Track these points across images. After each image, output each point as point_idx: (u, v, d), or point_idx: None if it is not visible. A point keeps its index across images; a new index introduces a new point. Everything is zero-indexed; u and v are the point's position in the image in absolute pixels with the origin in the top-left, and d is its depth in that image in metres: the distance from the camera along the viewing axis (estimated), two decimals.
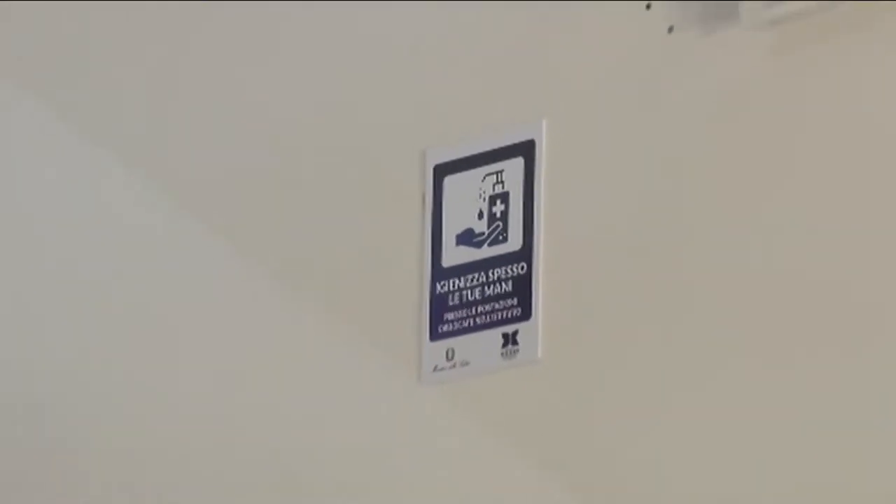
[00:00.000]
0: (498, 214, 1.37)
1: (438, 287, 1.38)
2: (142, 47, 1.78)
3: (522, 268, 1.33)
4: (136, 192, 1.76)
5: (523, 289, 1.31)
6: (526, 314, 1.30)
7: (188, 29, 1.70)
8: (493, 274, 1.35)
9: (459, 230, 1.39)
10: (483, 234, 1.39)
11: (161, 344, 1.68)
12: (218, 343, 1.64)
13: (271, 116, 1.58)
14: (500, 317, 1.32)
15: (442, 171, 1.40)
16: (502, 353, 1.32)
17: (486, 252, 1.35)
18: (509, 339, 1.31)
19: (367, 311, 1.49)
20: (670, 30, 1.27)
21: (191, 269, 1.65)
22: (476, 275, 1.36)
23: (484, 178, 1.37)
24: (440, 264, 1.38)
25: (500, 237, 1.36)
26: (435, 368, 1.38)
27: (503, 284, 1.33)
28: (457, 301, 1.36)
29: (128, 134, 1.76)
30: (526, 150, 1.33)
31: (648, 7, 1.26)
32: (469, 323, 1.35)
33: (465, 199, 1.40)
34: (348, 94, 1.53)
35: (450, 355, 1.37)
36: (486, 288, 1.34)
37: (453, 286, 1.39)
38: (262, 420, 1.56)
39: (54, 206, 1.89)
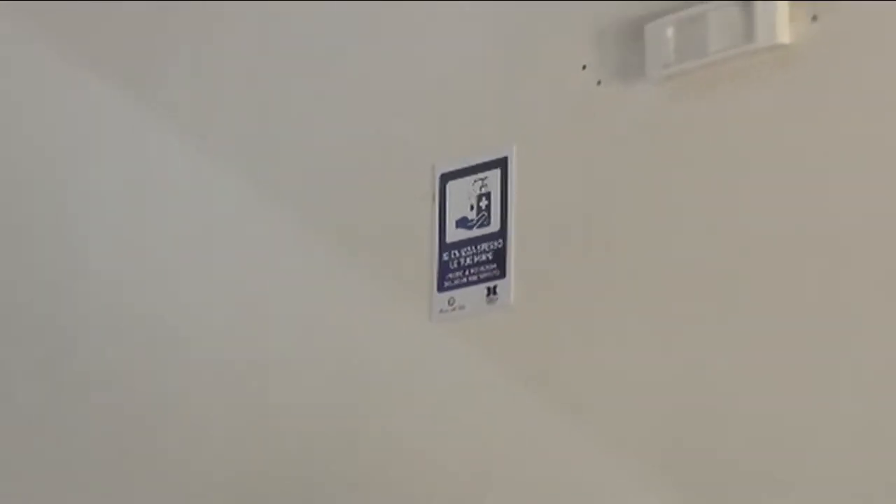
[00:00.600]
0: (483, 207, 1.86)
1: (444, 256, 1.89)
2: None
3: (500, 243, 1.82)
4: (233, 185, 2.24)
5: (500, 258, 1.81)
6: (502, 274, 1.79)
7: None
8: (479, 247, 1.85)
9: (458, 217, 1.88)
10: (473, 220, 1.87)
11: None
12: (290, 296, 2.15)
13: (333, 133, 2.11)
14: (484, 276, 1.82)
15: (445, 178, 1.90)
16: (487, 301, 1.81)
17: (476, 233, 1.85)
18: (491, 291, 1.81)
19: (396, 274, 1.98)
20: (599, 83, 1.74)
21: (277, 245, 2.17)
22: (469, 248, 1.86)
23: (474, 182, 1.86)
24: (445, 241, 1.89)
25: (485, 222, 1.86)
26: (441, 311, 1.88)
27: (487, 254, 1.82)
28: (455, 266, 1.86)
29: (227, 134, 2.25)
30: (502, 164, 1.83)
31: (584, 68, 1.74)
32: (464, 280, 1.86)
33: (461, 197, 1.89)
34: (391, 126, 2.05)
35: (451, 302, 1.86)
36: (475, 256, 1.84)
37: (453, 255, 1.88)
38: (322, 341, 2.08)
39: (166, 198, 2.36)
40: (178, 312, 2.42)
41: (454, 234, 1.92)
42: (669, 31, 1.65)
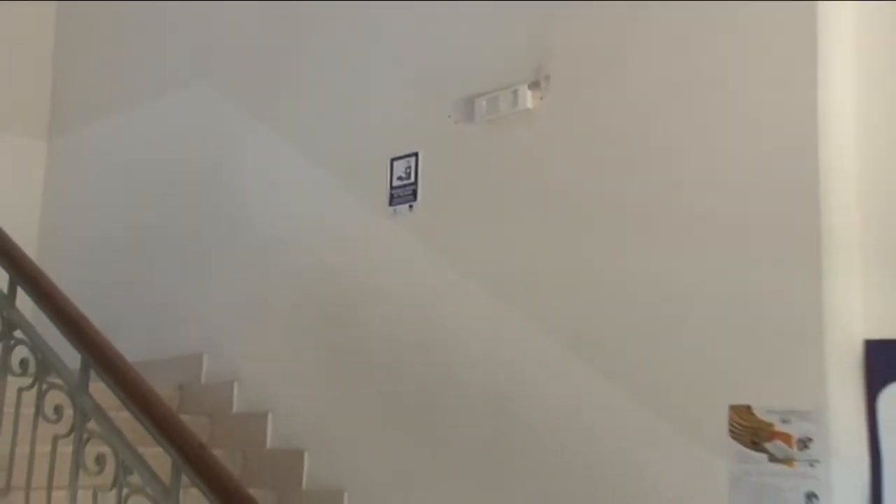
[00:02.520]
0: (408, 173, 3.97)
1: (392, 192, 3.98)
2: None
3: (414, 187, 3.94)
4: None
5: (414, 192, 3.91)
6: (415, 199, 3.90)
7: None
8: (406, 189, 3.95)
9: (398, 176, 4.01)
10: (404, 178, 3.99)
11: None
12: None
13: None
14: (408, 198, 3.91)
15: (394, 160, 4.02)
16: (409, 207, 3.92)
17: (405, 182, 3.96)
18: (412, 206, 3.91)
19: (373, 199, 4.07)
20: (456, 122, 3.83)
21: (322, 200, 4.37)
22: (402, 189, 3.95)
23: (406, 163, 3.98)
24: (392, 185, 3.99)
25: (408, 179, 3.97)
26: (391, 214, 3.98)
27: (409, 190, 3.93)
28: (398, 195, 3.96)
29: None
30: (416, 155, 3.94)
31: (450, 116, 3.83)
32: (400, 201, 3.94)
33: (400, 169, 4.02)
34: (370, 128, 4.18)
35: (395, 211, 3.96)
36: (404, 191, 3.93)
37: (396, 194, 3.97)
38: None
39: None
40: (277, 231, 4.61)
41: (398, 184, 4.01)
42: (484, 101, 3.71)
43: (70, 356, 2.97)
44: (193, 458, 2.59)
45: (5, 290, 3.18)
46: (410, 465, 3.81)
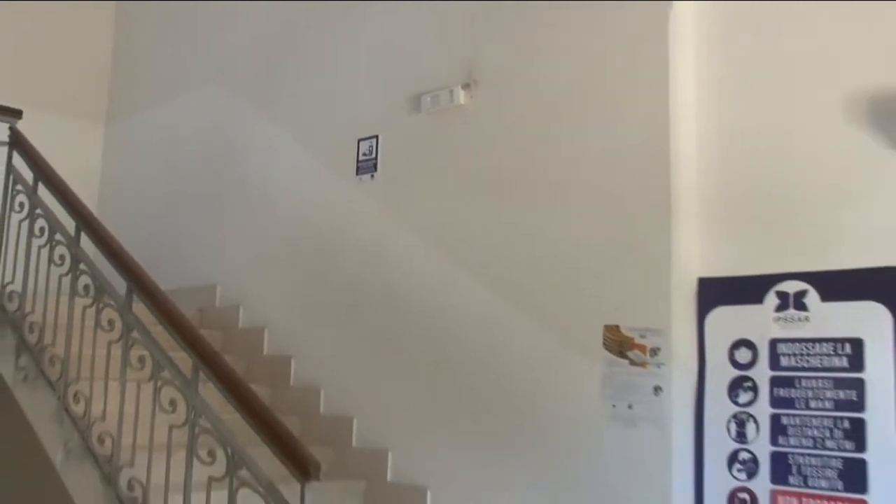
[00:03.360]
0: (371, 151, 4.22)
1: (359, 166, 4.25)
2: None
3: (375, 162, 4.23)
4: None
5: (374, 165, 4.21)
6: (376, 170, 4.18)
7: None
8: (368, 163, 4.22)
9: (363, 152, 4.29)
10: (368, 154, 4.24)
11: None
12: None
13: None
14: (370, 169, 4.19)
15: (360, 141, 4.29)
16: (371, 176, 4.19)
17: (368, 157, 4.24)
18: (373, 176, 4.20)
19: (343, 166, 4.37)
20: (409, 113, 4.08)
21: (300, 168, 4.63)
22: (366, 164, 4.22)
23: (369, 143, 4.25)
24: (359, 161, 4.27)
25: (371, 156, 4.23)
26: (357, 181, 4.27)
27: (371, 163, 4.19)
28: (363, 167, 4.24)
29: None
30: (377, 138, 4.21)
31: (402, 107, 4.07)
32: (365, 171, 4.22)
33: (365, 148, 4.26)
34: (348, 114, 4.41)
35: (361, 179, 4.24)
36: (367, 164, 4.20)
37: (361, 166, 4.25)
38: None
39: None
40: (273, 194, 4.96)
41: (362, 159, 4.23)
42: (428, 98, 3.92)
43: (120, 285, 3.21)
44: (209, 361, 2.82)
45: (72, 233, 3.41)
46: (371, 368, 4.12)
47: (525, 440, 3.41)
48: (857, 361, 2.87)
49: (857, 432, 2.83)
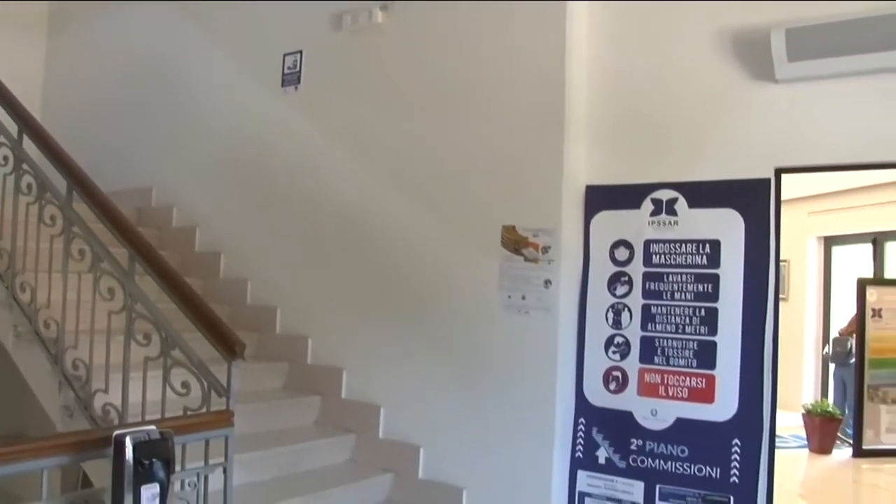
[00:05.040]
0: (295, 66, 4.42)
1: (284, 79, 4.44)
2: None
3: (299, 74, 4.40)
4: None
5: (299, 77, 4.37)
6: (300, 82, 4.36)
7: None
8: (292, 76, 4.37)
9: (288, 66, 4.47)
10: (292, 68, 4.45)
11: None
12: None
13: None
14: (294, 82, 4.32)
15: (286, 55, 4.46)
16: (294, 88, 4.39)
17: (293, 71, 4.39)
18: (297, 88, 4.37)
19: (271, 81, 4.53)
20: (334, 31, 4.29)
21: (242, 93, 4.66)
22: (291, 76, 4.37)
23: (293, 58, 4.45)
24: (285, 73, 4.46)
25: (295, 69, 4.43)
26: (283, 93, 4.43)
27: (295, 76, 4.34)
28: (288, 80, 4.41)
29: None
30: (300, 53, 4.39)
31: (331, 22, 4.31)
32: (289, 83, 4.37)
33: (290, 63, 4.45)
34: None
35: (286, 91, 4.43)
36: (291, 76, 4.35)
37: (286, 79, 4.44)
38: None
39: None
40: (206, 103, 5.06)
41: (287, 72, 4.39)
42: (349, 17, 4.07)
43: (62, 184, 3.31)
44: (144, 253, 2.99)
45: (15, 136, 3.48)
46: (294, 263, 4.37)
47: (430, 326, 3.73)
48: (714, 259, 3.21)
49: (710, 319, 3.20)
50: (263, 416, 3.69)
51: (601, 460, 3.36)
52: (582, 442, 3.40)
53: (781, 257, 3.13)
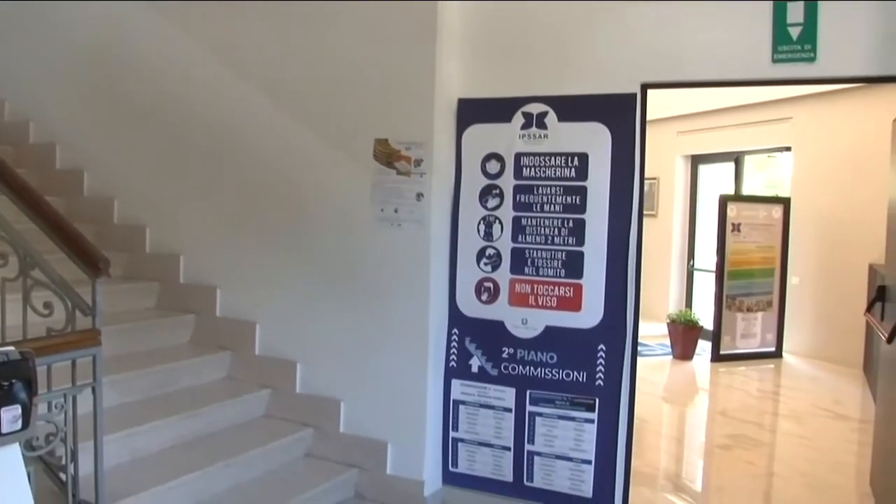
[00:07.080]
0: None
1: None
2: None
3: None
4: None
5: None
6: None
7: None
8: None
9: None
10: None
11: None
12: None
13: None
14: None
15: None
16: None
17: None
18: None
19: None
20: None
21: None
22: None
23: None
24: None
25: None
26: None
27: None
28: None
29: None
30: None
31: None
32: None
33: None
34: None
35: (155, 5, 4.11)
36: None
37: None
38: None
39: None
40: (57, 10, 4.63)
41: None
42: None
43: None
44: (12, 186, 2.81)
45: None
46: (163, 179, 4.26)
47: (304, 241, 3.70)
48: (582, 172, 3.28)
49: (578, 231, 3.28)
50: (135, 337, 3.60)
51: (474, 369, 3.42)
52: (455, 351, 3.45)
53: (651, 175, 3.22)
